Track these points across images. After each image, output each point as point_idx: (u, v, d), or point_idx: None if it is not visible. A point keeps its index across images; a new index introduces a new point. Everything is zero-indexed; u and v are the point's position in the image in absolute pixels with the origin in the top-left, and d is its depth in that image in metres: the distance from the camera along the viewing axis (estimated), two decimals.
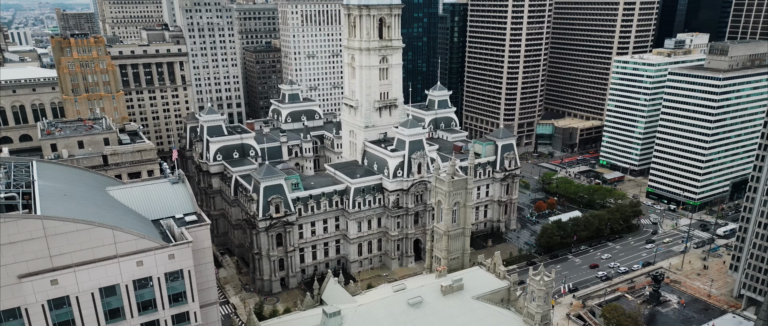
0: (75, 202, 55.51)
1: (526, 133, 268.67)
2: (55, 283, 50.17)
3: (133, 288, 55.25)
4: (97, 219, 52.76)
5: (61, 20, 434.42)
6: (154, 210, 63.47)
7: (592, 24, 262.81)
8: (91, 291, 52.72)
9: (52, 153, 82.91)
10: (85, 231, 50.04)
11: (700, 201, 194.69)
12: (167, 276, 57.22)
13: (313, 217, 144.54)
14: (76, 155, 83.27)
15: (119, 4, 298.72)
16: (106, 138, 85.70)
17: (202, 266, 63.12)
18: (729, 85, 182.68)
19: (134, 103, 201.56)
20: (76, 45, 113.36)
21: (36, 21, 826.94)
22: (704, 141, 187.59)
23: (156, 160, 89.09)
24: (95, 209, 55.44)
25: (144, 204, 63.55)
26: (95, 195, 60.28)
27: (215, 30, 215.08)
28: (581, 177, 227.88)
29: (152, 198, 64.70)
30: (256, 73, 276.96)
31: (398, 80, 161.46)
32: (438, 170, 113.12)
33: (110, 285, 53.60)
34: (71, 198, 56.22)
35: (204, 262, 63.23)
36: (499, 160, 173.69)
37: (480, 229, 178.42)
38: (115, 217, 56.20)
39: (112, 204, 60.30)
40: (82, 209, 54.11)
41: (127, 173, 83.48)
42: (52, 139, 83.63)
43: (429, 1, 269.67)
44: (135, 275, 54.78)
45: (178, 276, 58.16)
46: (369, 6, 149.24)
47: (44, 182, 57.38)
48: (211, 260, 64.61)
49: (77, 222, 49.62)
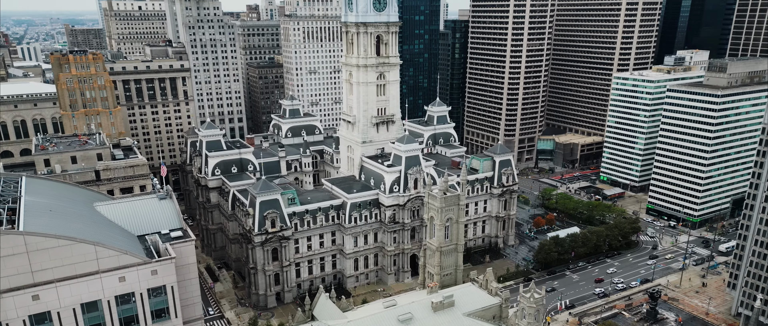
0: (59, 218, 56.54)
1: (527, 149, 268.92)
2: (36, 299, 51.01)
3: (116, 303, 55.96)
4: (80, 234, 53.70)
5: (69, 36, 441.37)
6: (141, 225, 64.37)
7: (593, 40, 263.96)
8: (72, 307, 53.49)
9: (46, 168, 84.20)
10: (67, 246, 50.97)
11: (700, 218, 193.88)
12: (150, 291, 57.90)
13: (310, 232, 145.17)
14: (69, 170, 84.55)
15: (125, 21, 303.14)
16: (99, 153, 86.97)
17: (186, 281, 63.72)
18: (728, 101, 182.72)
19: (137, 118, 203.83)
20: (74, 61, 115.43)
21: (47, 36, 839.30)
22: (703, 157, 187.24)
23: (148, 176, 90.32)
24: (79, 225, 56.43)
25: (130, 219, 64.49)
26: (82, 210, 61.33)
27: (217, 46, 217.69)
28: (581, 193, 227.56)
29: (139, 214, 65.67)
30: (259, 88, 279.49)
31: (395, 96, 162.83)
32: (430, 186, 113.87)
33: (92, 301, 54.35)
34: (56, 213, 57.27)
35: (188, 278, 63.84)
36: (496, 176, 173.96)
37: (478, 245, 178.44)
38: (99, 233, 57.15)
39: (98, 219, 61.31)
40: (66, 225, 55.12)
41: (119, 188, 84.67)
42: (46, 154, 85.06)
43: (430, 18, 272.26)
44: (117, 291, 55.52)
45: (161, 292, 58.84)
46: (366, 24, 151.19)
47: (31, 198, 58.55)
48: (196, 275, 65.25)
49: (59, 238, 50.58)
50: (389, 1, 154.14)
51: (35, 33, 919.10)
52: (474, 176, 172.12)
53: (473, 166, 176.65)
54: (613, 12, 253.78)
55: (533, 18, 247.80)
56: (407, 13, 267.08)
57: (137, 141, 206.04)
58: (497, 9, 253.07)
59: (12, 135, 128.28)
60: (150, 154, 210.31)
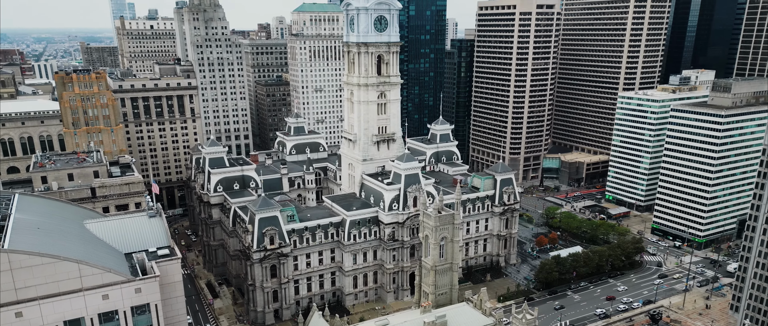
0: (46, 236, 58.12)
1: (532, 167, 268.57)
2: (19, 316, 52.32)
3: (99, 321, 57.07)
4: (65, 252, 55.17)
5: (85, 53, 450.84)
6: (128, 243, 65.78)
7: (599, 59, 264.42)
8: (55, 324, 54.72)
9: (43, 185, 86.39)
10: (51, 264, 52.41)
11: (705, 239, 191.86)
12: (133, 309, 58.98)
13: (309, 249, 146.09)
14: (66, 187, 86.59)
15: (137, 39, 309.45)
16: (96, 171, 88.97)
17: (172, 300, 64.80)
18: (732, 122, 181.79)
19: (144, 135, 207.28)
20: (78, 80, 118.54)
21: (65, 53, 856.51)
22: (708, 177, 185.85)
23: (143, 193, 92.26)
24: (66, 242, 57.97)
25: (119, 237, 65.95)
26: (70, 228, 62.93)
27: (225, 64, 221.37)
28: (586, 211, 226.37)
29: (128, 232, 67.13)
30: (267, 106, 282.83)
31: (396, 115, 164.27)
32: (425, 205, 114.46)
33: (75, 319, 55.53)
34: (44, 231, 58.89)
35: (174, 296, 64.93)
36: (498, 194, 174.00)
37: (479, 263, 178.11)
38: (85, 250, 58.60)
39: (86, 237, 62.84)
40: (52, 242, 56.65)
41: (114, 205, 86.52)
42: (43, 172, 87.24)
43: (436, 37, 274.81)
44: (100, 308, 56.69)
45: (144, 310, 59.90)
46: (368, 44, 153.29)
47: (20, 215, 60.29)
48: (182, 294, 66.32)
49: (43, 256, 52.05)
50: (390, 22, 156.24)
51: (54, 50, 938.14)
52: (475, 194, 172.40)
53: (474, 184, 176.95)
54: (618, 31, 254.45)
55: (538, 37, 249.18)
56: (413, 32, 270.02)
57: (144, 157, 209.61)
58: (502, 29, 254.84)
59: (19, 151, 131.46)
60: (157, 171, 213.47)
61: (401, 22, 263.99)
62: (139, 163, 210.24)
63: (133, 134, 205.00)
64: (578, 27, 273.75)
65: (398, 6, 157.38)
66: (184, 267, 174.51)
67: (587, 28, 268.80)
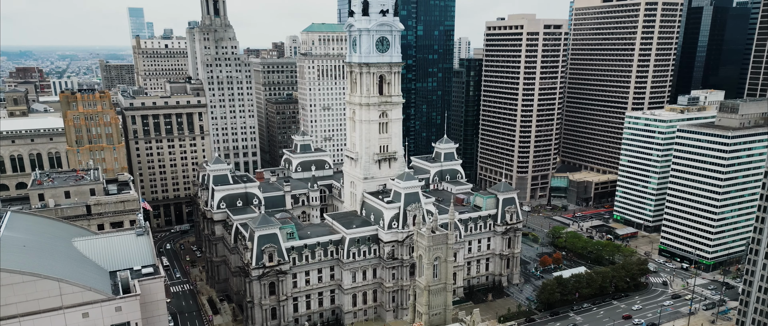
0: (32, 254, 60.25)
1: (540, 186, 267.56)
2: None
3: None
4: (48, 270, 57.13)
5: (104, 71, 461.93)
6: (114, 261, 67.62)
7: (608, 79, 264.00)
8: None
9: (40, 202, 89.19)
10: (31, 282, 54.34)
11: (713, 261, 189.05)
12: None
13: (308, 266, 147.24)
14: (62, 205, 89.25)
15: (152, 58, 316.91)
16: (92, 188, 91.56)
17: (154, 318, 66.22)
18: (739, 143, 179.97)
19: (154, 151, 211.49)
20: (81, 99, 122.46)
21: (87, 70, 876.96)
22: (715, 199, 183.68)
23: (138, 210, 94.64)
24: (50, 260, 60.01)
25: (105, 255, 67.88)
26: (57, 246, 65.05)
27: (234, 83, 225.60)
28: (593, 231, 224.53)
29: (114, 250, 69.06)
30: (277, 123, 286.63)
31: (398, 134, 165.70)
32: (419, 224, 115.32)
33: None
34: (30, 249, 61.05)
35: (157, 314, 66.33)
36: (500, 214, 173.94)
37: (481, 283, 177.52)
38: (69, 268, 60.55)
39: (72, 255, 64.89)
40: (36, 260, 58.71)
41: (109, 222, 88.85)
42: (40, 189, 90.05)
43: (444, 56, 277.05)
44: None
45: None
46: (369, 64, 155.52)
47: (9, 233, 62.59)
48: (165, 313, 67.74)
49: (24, 274, 54.03)
50: (392, 43, 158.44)
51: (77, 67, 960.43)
52: (477, 213, 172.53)
53: (477, 204, 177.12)
54: (627, 51, 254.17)
55: (545, 57, 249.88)
56: (421, 52, 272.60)
57: (153, 173, 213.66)
58: (509, 48, 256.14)
59: (27, 167, 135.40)
60: (165, 186, 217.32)
61: (409, 42, 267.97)
62: (148, 179, 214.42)
63: (142, 150, 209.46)
64: (587, 46, 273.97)
65: (400, 27, 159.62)
66: (186, 282, 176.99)
67: (596, 48, 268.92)
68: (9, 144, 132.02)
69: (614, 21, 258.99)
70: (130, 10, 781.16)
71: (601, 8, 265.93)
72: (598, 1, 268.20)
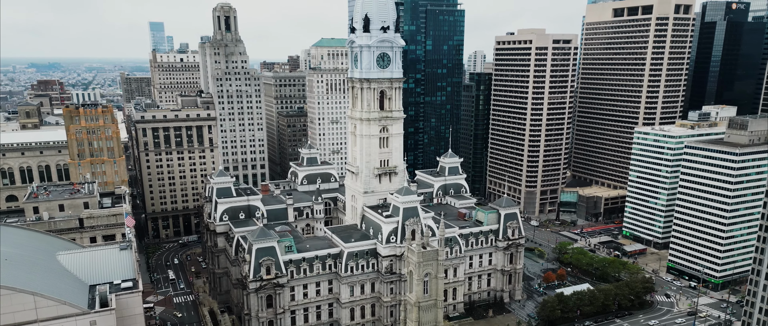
0: (11, 267, 62.69)
1: (549, 200, 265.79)
2: None
3: None
4: (26, 284, 59.43)
5: (124, 83, 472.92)
6: (95, 275, 69.84)
7: (619, 93, 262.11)
8: None
9: (34, 215, 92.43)
10: (7, 295, 56.64)
11: (721, 280, 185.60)
12: None
13: (306, 280, 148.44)
14: (56, 218, 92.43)
15: (167, 71, 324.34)
16: (86, 202, 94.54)
17: None
18: (747, 160, 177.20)
19: (163, 163, 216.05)
20: (84, 114, 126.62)
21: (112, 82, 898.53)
22: (723, 216, 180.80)
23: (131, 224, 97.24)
24: (29, 274, 62.40)
25: (87, 269, 70.15)
26: (41, 259, 67.52)
27: (243, 96, 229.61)
28: (601, 247, 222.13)
29: (96, 264, 71.32)
30: (288, 136, 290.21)
31: (398, 148, 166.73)
32: (408, 241, 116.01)
33: None
34: (11, 263, 63.53)
35: None
36: (502, 229, 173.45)
37: (483, 298, 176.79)
38: (47, 282, 62.82)
39: (54, 268, 67.28)
40: (16, 274, 61.12)
41: (101, 235, 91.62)
42: (35, 202, 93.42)
43: (453, 71, 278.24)
44: None
45: None
46: (370, 80, 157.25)
47: None
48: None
49: None
50: (393, 59, 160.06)
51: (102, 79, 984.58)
52: (478, 228, 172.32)
53: (478, 219, 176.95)
54: (637, 66, 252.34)
55: (554, 71, 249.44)
56: (430, 66, 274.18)
57: (163, 185, 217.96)
58: (518, 63, 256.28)
59: (37, 179, 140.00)
60: (174, 198, 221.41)
61: (418, 56, 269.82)
62: (157, 190, 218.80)
63: (152, 162, 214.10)
64: (598, 61, 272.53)
65: (401, 44, 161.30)
66: (190, 293, 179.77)
67: (607, 63, 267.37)
68: (19, 156, 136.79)
69: (625, 35, 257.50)
70: (150, 25, 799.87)
71: (611, 22, 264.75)
72: (608, 16, 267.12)
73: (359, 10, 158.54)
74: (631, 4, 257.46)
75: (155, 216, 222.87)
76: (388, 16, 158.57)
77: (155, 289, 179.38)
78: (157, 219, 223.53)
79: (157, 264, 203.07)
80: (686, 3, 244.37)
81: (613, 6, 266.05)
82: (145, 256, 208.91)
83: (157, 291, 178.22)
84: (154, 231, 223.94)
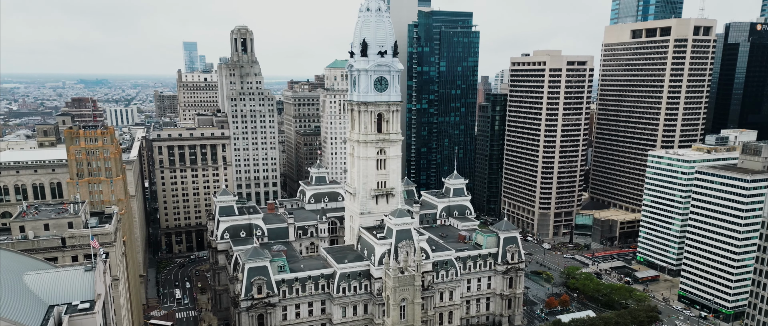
0: None
1: (563, 223, 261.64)
2: None
3: None
4: None
5: (157, 100, 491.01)
6: (56, 295, 73.36)
7: (637, 116, 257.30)
8: None
9: (20, 234, 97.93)
10: None
11: (733, 310, 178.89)
12: None
13: (298, 300, 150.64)
14: (41, 237, 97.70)
15: (192, 90, 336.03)
16: (71, 221, 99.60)
17: None
18: (759, 187, 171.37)
19: (178, 180, 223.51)
20: (84, 135, 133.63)
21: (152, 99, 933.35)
22: (735, 244, 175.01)
23: (112, 243, 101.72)
24: None
25: (49, 289, 73.80)
26: (6, 279, 71.79)
27: (257, 116, 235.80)
28: (612, 273, 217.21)
29: (60, 284, 74.96)
30: (304, 154, 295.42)
31: (396, 170, 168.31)
32: (387, 265, 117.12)
33: None
34: None
35: None
36: (501, 253, 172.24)
37: (481, 323, 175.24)
38: (7, 303, 66.74)
39: (15, 288, 71.36)
40: None
41: (83, 254, 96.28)
42: (22, 222, 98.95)
43: (467, 91, 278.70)
44: None
45: None
46: (367, 103, 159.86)
47: None
48: None
49: None
50: (390, 82, 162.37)
51: (145, 95, 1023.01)
52: (477, 252, 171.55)
53: (477, 242, 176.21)
54: (656, 88, 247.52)
55: (569, 93, 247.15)
56: (444, 87, 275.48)
57: (176, 201, 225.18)
58: (532, 84, 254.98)
59: (31, 197, 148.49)
60: (188, 215, 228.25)
61: (432, 77, 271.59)
62: (171, 206, 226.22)
63: (167, 179, 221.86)
64: (617, 82, 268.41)
65: (399, 68, 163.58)
66: (193, 309, 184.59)
67: (625, 84, 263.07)
68: (14, 174, 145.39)
69: (643, 57, 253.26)
70: (184, 44, 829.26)
71: (630, 44, 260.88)
72: (627, 37, 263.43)
73: (357, 35, 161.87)
74: (649, 26, 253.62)
75: (169, 231, 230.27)
76: (385, 40, 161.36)
77: (160, 304, 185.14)
78: (171, 235, 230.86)
79: (166, 279, 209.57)
80: (706, 25, 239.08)
81: (632, 27, 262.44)
82: (155, 271, 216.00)
83: (163, 306, 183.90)
84: (167, 246, 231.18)
